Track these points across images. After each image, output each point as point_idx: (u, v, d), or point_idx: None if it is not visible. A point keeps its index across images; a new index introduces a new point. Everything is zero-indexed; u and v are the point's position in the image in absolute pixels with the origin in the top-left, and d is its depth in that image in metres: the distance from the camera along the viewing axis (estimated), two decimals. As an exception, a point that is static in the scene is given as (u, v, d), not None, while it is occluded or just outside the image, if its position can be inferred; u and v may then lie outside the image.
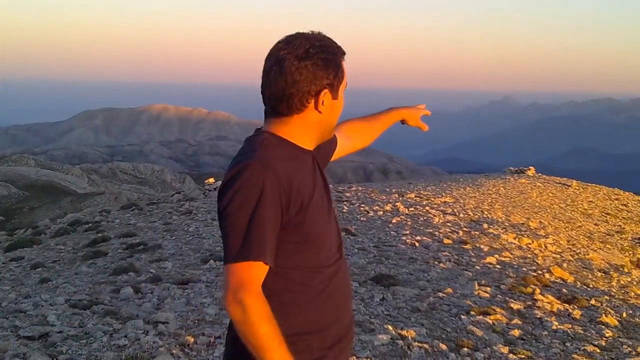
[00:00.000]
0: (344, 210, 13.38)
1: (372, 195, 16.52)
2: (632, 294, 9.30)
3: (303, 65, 1.86)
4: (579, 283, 9.00)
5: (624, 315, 7.37)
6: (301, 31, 1.94)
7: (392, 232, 11.25)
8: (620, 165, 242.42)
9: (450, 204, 15.69)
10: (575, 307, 7.27)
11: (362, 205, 14.23)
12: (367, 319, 6.04)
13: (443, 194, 17.89)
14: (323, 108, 1.92)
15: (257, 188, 1.77)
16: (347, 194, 16.16)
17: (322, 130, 1.99)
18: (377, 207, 14.06)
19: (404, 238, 10.70)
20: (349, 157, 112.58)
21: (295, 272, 1.91)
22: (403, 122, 2.62)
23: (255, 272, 1.79)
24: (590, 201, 20.89)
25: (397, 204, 14.63)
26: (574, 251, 12.01)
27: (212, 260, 8.74)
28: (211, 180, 21.05)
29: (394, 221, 12.35)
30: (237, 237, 1.78)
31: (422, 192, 18.07)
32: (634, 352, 5.79)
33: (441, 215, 13.42)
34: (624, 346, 5.97)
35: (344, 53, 1.96)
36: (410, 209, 14.06)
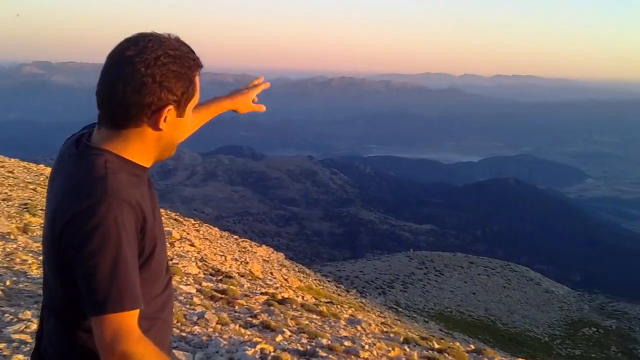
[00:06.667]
0: None
1: None
2: (18, 260, 9.31)
3: (149, 73, 1.60)
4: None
5: (8, 283, 7.31)
6: (157, 32, 1.67)
7: None
8: (8, 131, 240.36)
9: None
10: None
11: None
12: None
13: None
14: (165, 125, 1.68)
15: (116, 226, 1.55)
16: None
17: (162, 148, 1.76)
18: None
19: None
20: None
21: None
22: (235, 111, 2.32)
23: (131, 319, 1.59)
24: (-26, 171, 20.03)
25: None
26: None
27: None
28: None
29: None
30: (102, 284, 1.54)
31: None
32: (15, 319, 5.78)
33: None
34: (6, 314, 5.91)
35: (200, 66, 1.72)
36: None
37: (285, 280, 19.37)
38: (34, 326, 5.59)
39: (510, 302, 38.30)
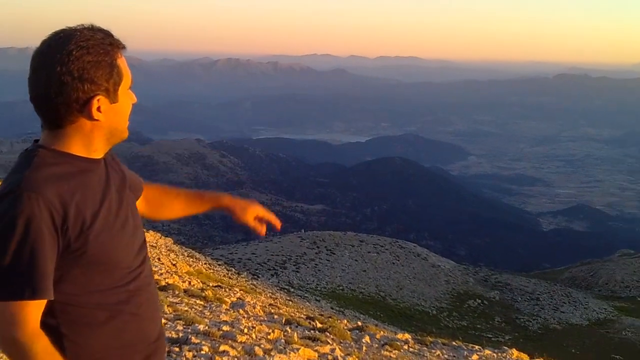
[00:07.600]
0: None
1: None
2: None
3: (66, 71, 1.60)
4: None
5: None
6: (70, 26, 1.67)
7: None
8: None
9: None
10: None
11: None
12: None
13: None
14: (100, 115, 1.69)
15: (23, 217, 1.56)
16: None
17: (107, 136, 1.76)
18: None
19: None
20: None
21: (87, 297, 1.71)
22: (227, 212, 2.28)
23: (29, 309, 1.59)
24: None
25: None
26: None
27: None
28: None
29: None
30: (3, 272, 1.56)
31: None
32: None
33: None
34: None
35: (120, 48, 1.72)
36: None
37: (174, 265, 18.69)
38: None
39: (399, 278, 39.24)
